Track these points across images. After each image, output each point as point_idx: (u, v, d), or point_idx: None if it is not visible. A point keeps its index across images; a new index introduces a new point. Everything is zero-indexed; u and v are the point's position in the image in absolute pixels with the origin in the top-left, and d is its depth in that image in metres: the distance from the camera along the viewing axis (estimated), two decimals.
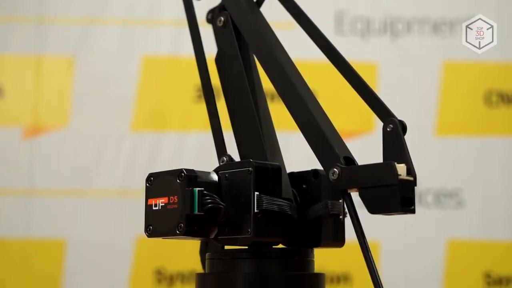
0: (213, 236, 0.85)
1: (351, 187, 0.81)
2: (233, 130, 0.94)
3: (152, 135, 2.24)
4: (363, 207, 0.79)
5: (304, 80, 0.90)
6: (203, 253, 0.94)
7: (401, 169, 0.77)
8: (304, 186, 0.89)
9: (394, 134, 0.79)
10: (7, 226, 2.21)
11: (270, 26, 0.95)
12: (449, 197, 2.23)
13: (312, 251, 0.89)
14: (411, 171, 0.77)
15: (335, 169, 0.81)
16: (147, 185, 0.87)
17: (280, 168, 0.86)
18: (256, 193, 0.82)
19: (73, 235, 2.20)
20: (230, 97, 0.96)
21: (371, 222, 0.87)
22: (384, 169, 0.77)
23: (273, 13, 0.98)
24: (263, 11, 0.97)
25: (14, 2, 2.29)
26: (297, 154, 1.33)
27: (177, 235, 0.82)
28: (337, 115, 0.97)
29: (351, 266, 2.17)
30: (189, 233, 0.82)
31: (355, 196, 0.82)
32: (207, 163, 0.93)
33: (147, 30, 2.30)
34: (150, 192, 0.86)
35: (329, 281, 2.15)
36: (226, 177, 0.85)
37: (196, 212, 0.81)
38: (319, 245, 0.88)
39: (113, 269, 2.19)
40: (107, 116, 2.25)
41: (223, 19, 0.97)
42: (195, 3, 1.02)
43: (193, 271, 0.99)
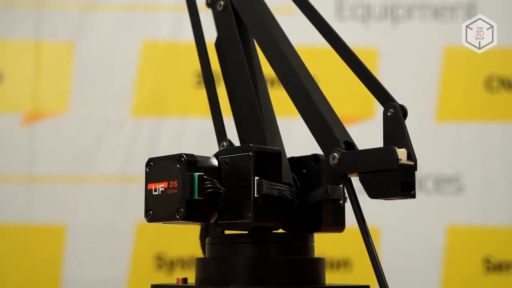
0: (213, 221, 0.85)
1: (351, 172, 0.81)
2: (233, 114, 0.94)
3: (152, 120, 2.24)
4: (363, 192, 0.79)
5: (304, 64, 0.90)
6: (203, 238, 0.94)
7: (402, 153, 0.77)
8: (304, 171, 0.89)
9: (394, 118, 0.79)
10: (8, 212, 2.21)
11: (270, 10, 0.94)
12: (449, 183, 2.23)
13: (312, 236, 0.89)
14: (411, 155, 0.77)
15: (335, 154, 0.81)
16: (147, 170, 0.87)
17: (280, 152, 0.85)
18: (256, 178, 0.82)
19: (73, 221, 2.20)
20: (230, 81, 0.95)
21: (371, 207, 0.87)
22: (384, 154, 0.77)
23: None
24: None
25: None
26: (297, 139, 1.33)
27: (177, 220, 0.82)
28: (338, 100, 0.96)
29: (351, 252, 2.18)
30: (189, 218, 0.82)
31: (355, 181, 0.81)
32: (207, 148, 0.93)
33: (146, 15, 2.29)
34: (150, 177, 0.86)
35: (329, 266, 2.15)
36: (226, 162, 0.85)
37: (196, 197, 0.81)
38: (319, 230, 0.88)
39: (113, 255, 2.19)
40: (107, 101, 2.24)
41: (223, 3, 0.96)
42: None
43: (193, 256, 1.00)
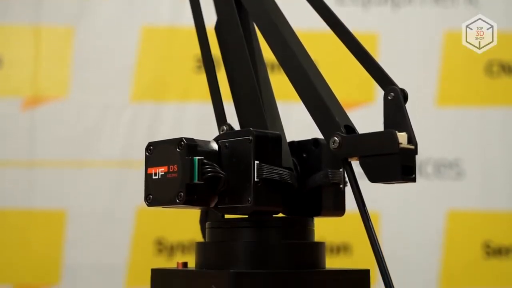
0: (213, 205, 0.85)
1: (352, 156, 0.80)
2: (233, 98, 0.93)
3: (152, 105, 2.24)
4: (364, 176, 0.79)
5: (304, 48, 0.89)
6: (203, 222, 0.94)
7: (402, 137, 0.77)
8: (304, 155, 0.89)
9: (395, 102, 0.79)
10: (8, 197, 2.20)
11: None
12: (449, 168, 2.23)
13: (312, 220, 0.89)
14: (412, 139, 0.77)
15: (335, 138, 0.81)
16: (147, 154, 0.86)
17: (280, 136, 0.85)
18: (256, 162, 0.82)
19: (74, 206, 2.20)
20: (230, 65, 0.95)
21: (371, 191, 0.87)
22: (385, 138, 0.77)
23: None
24: None
25: None
26: (297, 123, 1.32)
27: (177, 204, 0.82)
28: (338, 85, 0.96)
29: (351, 236, 2.18)
30: (189, 202, 0.82)
31: (355, 165, 0.81)
32: (207, 132, 0.92)
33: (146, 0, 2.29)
34: (149, 161, 0.86)
35: (329, 251, 2.15)
36: (226, 146, 0.85)
37: (196, 181, 0.81)
38: (319, 214, 0.88)
39: (114, 239, 2.19)
40: (106, 86, 2.24)
41: None
42: None
43: (193, 241, 0.99)
